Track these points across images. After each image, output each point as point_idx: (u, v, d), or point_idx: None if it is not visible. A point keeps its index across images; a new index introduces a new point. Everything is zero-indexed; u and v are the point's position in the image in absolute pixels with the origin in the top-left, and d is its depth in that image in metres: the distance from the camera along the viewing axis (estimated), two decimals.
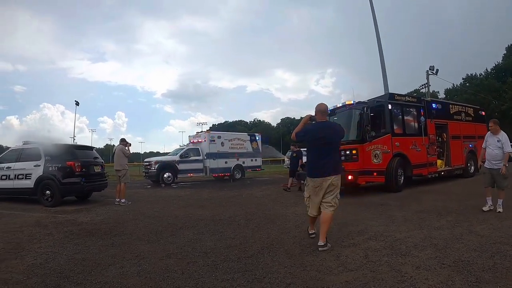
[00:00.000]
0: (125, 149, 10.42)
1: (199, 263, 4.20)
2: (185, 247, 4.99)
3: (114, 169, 10.39)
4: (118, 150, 10.39)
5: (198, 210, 8.49)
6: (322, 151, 4.78)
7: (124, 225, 6.76)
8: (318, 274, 3.67)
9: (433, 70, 23.79)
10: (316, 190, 4.76)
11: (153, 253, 4.75)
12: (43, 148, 9.97)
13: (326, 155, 4.75)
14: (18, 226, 6.74)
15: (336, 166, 4.83)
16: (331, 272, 3.70)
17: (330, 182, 4.68)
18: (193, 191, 14.17)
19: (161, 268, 4.09)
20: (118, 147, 10.57)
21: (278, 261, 4.20)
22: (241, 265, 4.08)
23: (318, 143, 4.79)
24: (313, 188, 4.80)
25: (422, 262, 3.90)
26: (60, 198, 9.58)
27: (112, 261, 4.38)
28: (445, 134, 13.53)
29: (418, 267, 3.73)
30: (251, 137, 21.96)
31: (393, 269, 3.69)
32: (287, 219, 7.01)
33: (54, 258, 4.54)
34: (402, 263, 3.89)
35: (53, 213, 8.42)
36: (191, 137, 21.42)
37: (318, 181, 4.73)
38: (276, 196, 11.20)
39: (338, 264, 3.97)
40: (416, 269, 3.66)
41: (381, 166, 10.36)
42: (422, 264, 3.83)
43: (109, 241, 5.46)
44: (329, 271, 3.74)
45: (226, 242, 5.24)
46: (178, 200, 10.92)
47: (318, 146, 4.80)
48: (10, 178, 10.10)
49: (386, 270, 3.68)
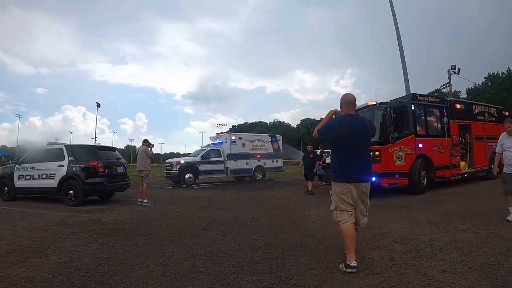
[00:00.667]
0: (148, 150, 10.42)
1: (224, 264, 4.11)
2: (209, 248, 4.89)
3: (137, 169, 10.40)
4: (141, 151, 10.38)
5: (220, 211, 8.39)
6: (349, 150, 3.95)
7: (148, 225, 6.70)
8: (344, 276, 3.57)
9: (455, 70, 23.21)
10: (344, 197, 3.92)
11: (178, 253, 4.65)
12: (66, 149, 10.09)
13: (354, 156, 3.94)
14: (42, 225, 6.76)
15: (367, 169, 4.07)
16: (357, 275, 3.59)
17: (361, 189, 3.93)
18: (215, 192, 14.12)
19: (186, 268, 3.98)
20: (141, 148, 10.57)
21: (304, 263, 4.10)
22: (267, 267, 3.98)
23: (344, 141, 3.94)
24: (340, 194, 3.96)
25: (448, 265, 3.79)
26: (83, 198, 9.66)
27: (137, 261, 4.29)
28: (468, 135, 13.21)
29: (444, 270, 3.62)
30: (272, 138, 21.85)
31: (419, 272, 3.60)
32: (310, 220, 6.88)
33: (79, 257, 4.48)
34: (428, 266, 3.78)
35: (76, 212, 8.45)
36: (211, 138, 21.42)
37: (346, 187, 3.91)
38: (298, 198, 11.08)
39: (364, 266, 3.84)
40: (442, 273, 3.55)
41: (404, 168, 10.14)
42: (448, 267, 3.72)
43: (133, 241, 5.38)
44: (355, 274, 3.62)
45: (250, 243, 5.14)
46: (200, 201, 10.83)
47: (344, 144, 3.96)
48: (34, 178, 10.26)
49: (412, 273, 3.58)
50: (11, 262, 4.30)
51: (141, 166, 10.26)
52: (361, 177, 3.96)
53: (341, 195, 3.94)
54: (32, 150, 11.14)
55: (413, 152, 10.31)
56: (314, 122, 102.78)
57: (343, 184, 3.94)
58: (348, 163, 3.95)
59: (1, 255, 4.61)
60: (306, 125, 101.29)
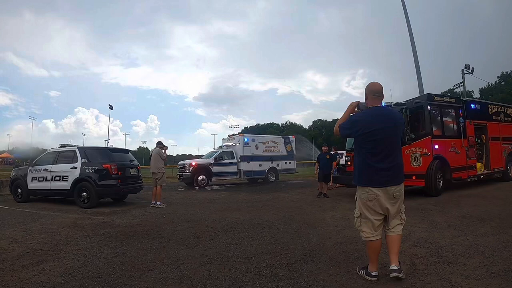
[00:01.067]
0: (162, 152, 10.34)
1: (241, 269, 3.96)
2: (225, 252, 4.75)
3: (151, 172, 10.31)
4: (155, 153, 10.30)
5: (235, 214, 8.24)
6: (378, 149, 3.39)
7: (161, 228, 6.56)
8: (366, 283, 3.43)
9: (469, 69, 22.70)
10: (370, 205, 3.43)
11: (193, 258, 4.51)
12: (79, 151, 10.09)
13: (384, 155, 3.39)
14: (55, 227, 6.68)
15: (399, 171, 3.49)
16: (378, 281, 3.45)
17: (391, 194, 3.38)
18: (228, 194, 13.98)
19: (202, 274, 3.84)
20: (155, 150, 10.48)
21: (323, 268, 3.94)
22: (285, 272, 3.83)
23: (372, 138, 3.38)
24: (366, 201, 3.46)
25: (471, 271, 3.66)
26: (96, 200, 9.62)
27: (151, 266, 4.15)
28: (484, 135, 12.89)
29: (467, 276, 3.51)
30: (285, 140, 21.59)
31: (442, 278, 3.48)
32: (326, 223, 6.73)
33: (92, 261, 4.35)
34: (451, 272, 3.65)
35: (89, 214, 8.39)
36: (224, 140, 21.32)
37: (373, 193, 3.40)
38: (313, 200, 10.87)
39: (386, 272, 3.63)
40: (465, 279, 3.44)
41: (421, 170, 9.92)
42: (471, 273, 3.59)
43: (147, 245, 5.24)
44: (376, 280, 3.47)
45: (267, 247, 4.98)
46: (214, 203, 10.68)
47: (371, 142, 3.40)
48: (47, 179, 10.25)
49: (435, 279, 3.46)
50: (23, 265, 4.20)
51: (155, 168, 10.17)
52: (391, 180, 3.39)
53: (367, 202, 3.44)
54: (45, 152, 11.16)
55: (430, 153, 10.05)
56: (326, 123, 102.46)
57: (370, 189, 3.42)
58: (375, 164, 3.39)
59: (14, 258, 4.53)
60: (318, 126, 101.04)
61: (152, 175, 10.28)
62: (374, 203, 3.41)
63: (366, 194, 3.44)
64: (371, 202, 3.42)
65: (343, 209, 8.40)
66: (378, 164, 3.39)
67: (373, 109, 3.54)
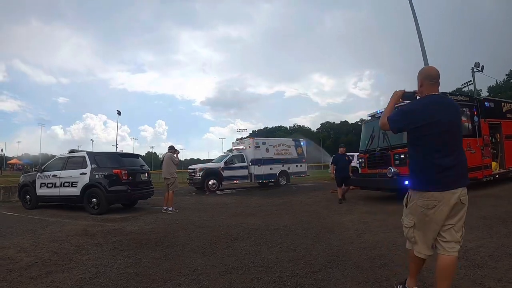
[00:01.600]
0: (174, 157, 10.16)
1: (264, 279, 3.71)
2: (244, 261, 4.48)
3: (163, 177, 10.12)
4: (167, 157, 10.09)
5: (249, 219, 7.95)
6: (439, 145, 2.80)
7: (175, 235, 6.28)
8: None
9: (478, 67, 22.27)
10: (429, 214, 2.77)
11: (211, 267, 4.23)
12: (89, 156, 9.88)
13: (448, 151, 2.81)
14: (64, 235, 6.43)
15: (465, 169, 2.94)
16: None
17: (457, 198, 2.74)
18: (240, 198, 13.70)
19: (223, 284, 3.58)
20: (167, 154, 10.28)
21: (350, 276, 3.74)
22: (311, 281, 3.60)
23: (433, 130, 2.79)
24: (424, 209, 2.80)
25: (503, 274, 3.54)
26: (106, 206, 9.38)
27: (168, 277, 3.86)
28: (498, 134, 12.65)
29: (499, 279, 3.39)
30: (295, 143, 21.31)
31: (475, 282, 3.36)
32: (345, 227, 6.52)
33: (104, 272, 4.07)
34: (482, 275, 3.52)
35: (99, 221, 8.14)
36: (234, 144, 21.06)
37: (434, 199, 2.74)
38: (327, 203, 10.58)
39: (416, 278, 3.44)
40: (498, 282, 3.33)
41: None
42: (503, 276, 3.47)
43: (161, 253, 4.96)
44: None
45: (287, 254, 4.73)
46: (226, 208, 10.42)
47: (433, 136, 2.80)
48: (56, 186, 10.04)
49: (468, 284, 3.35)
50: (31, 276, 3.94)
51: (167, 173, 9.95)
52: (457, 180, 2.79)
53: (425, 211, 2.78)
54: (54, 158, 10.97)
55: None
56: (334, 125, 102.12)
57: (432, 194, 2.76)
58: (438, 162, 2.77)
59: (22, 269, 4.27)
60: (326, 129, 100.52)
61: (164, 180, 10.05)
62: (436, 212, 2.74)
63: (426, 201, 2.77)
64: (431, 210, 2.76)
65: (360, 212, 8.22)
66: (441, 162, 2.77)
67: (432, 97, 2.93)
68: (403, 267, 3.88)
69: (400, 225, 6.05)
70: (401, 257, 4.28)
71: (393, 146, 9.96)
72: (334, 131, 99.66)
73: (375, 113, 11.53)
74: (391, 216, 7.47)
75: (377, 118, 11.17)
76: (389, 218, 7.24)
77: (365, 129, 12.07)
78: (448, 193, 2.71)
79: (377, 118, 11.18)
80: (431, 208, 2.74)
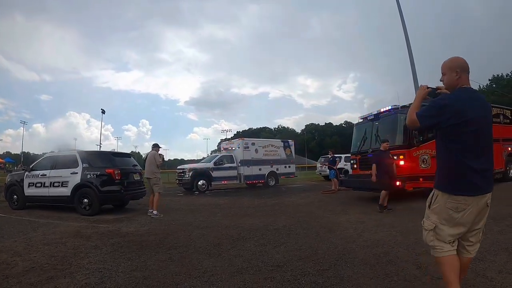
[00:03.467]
0: (157, 156, 9.31)
1: (277, 278, 3.69)
2: (253, 261, 4.42)
3: (145, 177, 9.31)
4: (151, 156, 9.27)
5: (246, 220, 7.87)
6: (473, 145, 2.52)
7: (175, 237, 6.11)
8: (409, 284, 3.40)
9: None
10: (456, 217, 2.56)
11: (220, 268, 4.13)
12: (80, 155, 9.53)
13: (480, 153, 2.55)
14: (58, 237, 6.15)
15: (492, 174, 2.75)
16: (419, 280, 3.48)
17: (485, 201, 2.55)
18: (231, 199, 13.56)
19: (237, 285, 3.53)
20: (151, 152, 9.44)
21: (360, 272, 3.80)
22: (324, 279, 3.62)
23: (468, 129, 2.49)
24: (452, 211, 2.57)
25: (502, 266, 3.79)
26: (98, 206, 9.07)
27: (178, 280, 3.72)
28: None
29: (500, 271, 3.63)
30: (284, 144, 21.28)
31: (478, 274, 3.54)
32: (344, 227, 6.59)
33: (110, 277, 3.88)
34: (484, 268, 3.72)
35: (92, 222, 7.86)
36: (223, 144, 20.87)
37: (465, 203, 2.52)
38: (320, 204, 10.67)
39: (423, 273, 3.69)
40: (499, 274, 3.55)
41: (430, 171, 9.75)
42: (503, 268, 3.72)
43: (165, 255, 4.79)
44: (416, 279, 3.52)
45: (294, 253, 4.73)
46: (220, 208, 10.27)
47: (468, 135, 2.50)
48: (45, 185, 9.65)
49: (473, 275, 3.49)
50: (31, 283, 3.68)
51: (150, 173, 9.11)
52: (488, 186, 2.56)
53: (453, 214, 2.56)
54: (43, 156, 10.57)
55: None
56: (319, 127, 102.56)
57: (463, 198, 2.52)
58: (472, 165, 2.50)
59: (19, 274, 3.99)
60: (310, 130, 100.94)
61: (147, 180, 9.26)
62: (464, 215, 2.54)
63: (456, 204, 2.54)
64: (459, 213, 2.55)
65: (355, 212, 8.31)
66: (474, 164, 2.51)
67: (467, 92, 2.60)
68: (409, 263, 4.05)
69: (397, 224, 6.28)
70: (406, 254, 4.49)
71: None
72: (318, 132, 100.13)
73: (367, 115, 11.60)
74: (386, 215, 7.67)
75: (369, 121, 11.24)
76: (385, 218, 7.36)
77: (357, 131, 12.17)
78: (478, 198, 2.52)
79: (369, 120, 11.25)
80: (460, 211, 2.54)
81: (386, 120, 10.72)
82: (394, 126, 10.32)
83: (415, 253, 4.48)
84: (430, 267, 3.76)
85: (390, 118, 10.55)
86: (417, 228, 5.59)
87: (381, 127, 10.65)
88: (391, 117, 10.53)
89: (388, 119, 10.65)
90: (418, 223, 6.14)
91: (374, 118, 11.08)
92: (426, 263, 3.95)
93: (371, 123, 11.07)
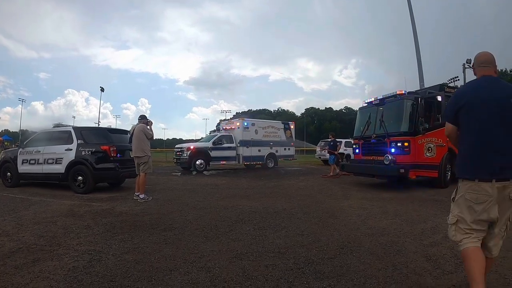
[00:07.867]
0: (147, 129, 8.12)
1: (279, 266, 3.47)
2: (252, 246, 4.20)
3: (133, 155, 8.13)
4: (138, 130, 7.99)
5: (245, 201, 7.64)
6: (493, 130, 2.45)
7: (171, 217, 5.87)
8: (420, 278, 3.20)
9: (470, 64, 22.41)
10: (478, 210, 2.47)
11: (218, 253, 3.90)
12: (75, 131, 9.22)
13: (501, 139, 2.44)
14: (49, 216, 5.93)
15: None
16: (430, 274, 3.28)
17: (507, 194, 2.41)
18: (229, 179, 13.34)
19: (236, 273, 3.27)
20: (138, 126, 8.08)
21: (368, 263, 3.58)
22: (330, 268, 3.42)
23: (484, 116, 2.48)
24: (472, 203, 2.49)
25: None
26: (93, 184, 8.82)
27: (173, 265, 3.48)
28: None
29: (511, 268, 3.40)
30: (285, 126, 20.92)
31: (491, 271, 3.12)
32: (346, 213, 6.38)
33: (100, 259, 3.63)
34: (496, 265, 3.33)
35: (86, 200, 7.64)
36: (223, 123, 20.52)
37: (484, 191, 2.43)
38: (320, 188, 10.44)
39: (433, 266, 3.50)
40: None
41: (434, 160, 9.66)
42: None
43: (160, 237, 4.56)
44: (427, 273, 3.32)
45: (296, 239, 4.51)
46: (218, 189, 10.04)
47: (485, 121, 2.47)
48: (39, 162, 9.37)
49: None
50: (16, 265, 3.44)
51: (139, 150, 7.95)
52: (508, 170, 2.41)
53: (474, 205, 2.48)
54: (37, 133, 10.25)
55: (445, 144, 9.66)
56: (318, 111, 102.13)
57: (480, 185, 2.44)
58: (490, 148, 2.44)
59: (5, 256, 3.74)
60: (310, 114, 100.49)
61: (134, 159, 8.12)
62: (484, 208, 2.44)
63: (475, 194, 2.47)
64: (479, 206, 2.45)
65: (357, 198, 8.14)
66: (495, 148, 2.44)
67: (481, 79, 2.66)
68: (418, 255, 3.85)
69: (401, 212, 6.08)
70: (413, 244, 4.27)
71: (390, 134, 9.84)
72: (318, 117, 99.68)
73: (372, 99, 11.25)
74: (389, 203, 7.43)
75: (374, 105, 10.92)
76: (388, 205, 7.17)
77: (361, 115, 11.82)
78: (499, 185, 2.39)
79: (374, 105, 10.93)
80: (480, 203, 2.45)
81: (391, 105, 10.41)
82: (400, 112, 10.04)
83: (423, 244, 4.29)
84: (441, 260, 3.63)
85: (396, 103, 10.23)
86: (422, 218, 5.85)
87: (386, 112, 10.32)
88: (396, 102, 10.22)
89: (393, 105, 10.33)
90: (423, 213, 6.16)
91: (379, 103, 10.77)
92: (436, 255, 3.80)
93: (376, 107, 10.75)
